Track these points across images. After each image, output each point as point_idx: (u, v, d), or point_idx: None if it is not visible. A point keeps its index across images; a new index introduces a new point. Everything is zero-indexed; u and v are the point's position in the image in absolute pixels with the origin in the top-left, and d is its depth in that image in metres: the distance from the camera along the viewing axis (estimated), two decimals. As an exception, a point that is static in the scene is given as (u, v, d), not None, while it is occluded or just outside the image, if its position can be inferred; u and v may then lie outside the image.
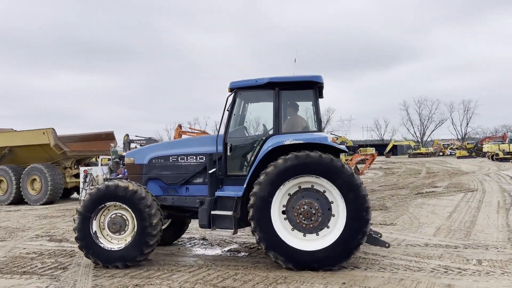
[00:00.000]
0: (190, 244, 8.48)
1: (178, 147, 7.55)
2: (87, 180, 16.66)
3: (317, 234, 6.29)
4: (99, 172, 17.35)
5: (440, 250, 7.27)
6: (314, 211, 6.24)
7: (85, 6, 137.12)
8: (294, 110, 7.28)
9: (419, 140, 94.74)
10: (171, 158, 7.41)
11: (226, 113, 7.02)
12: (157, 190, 7.41)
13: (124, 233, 6.73)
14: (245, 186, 6.53)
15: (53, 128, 16.89)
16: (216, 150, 6.89)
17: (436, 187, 18.57)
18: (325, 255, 6.10)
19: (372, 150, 45.90)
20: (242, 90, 7.05)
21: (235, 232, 6.67)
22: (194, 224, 9.49)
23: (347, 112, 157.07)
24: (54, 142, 16.92)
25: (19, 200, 17.74)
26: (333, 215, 6.26)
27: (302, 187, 6.39)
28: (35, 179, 17.41)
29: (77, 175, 18.62)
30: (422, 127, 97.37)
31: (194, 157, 7.23)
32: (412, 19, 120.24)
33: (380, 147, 71.93)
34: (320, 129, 6.79)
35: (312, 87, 6.87)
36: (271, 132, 6.85)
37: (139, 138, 45.72)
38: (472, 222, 9.94)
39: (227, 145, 6.84)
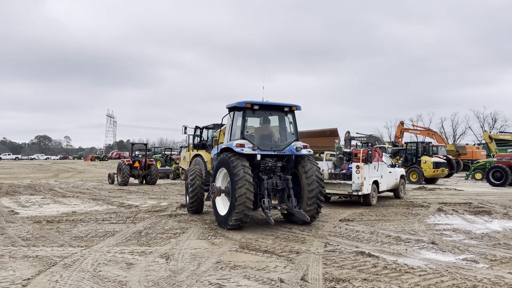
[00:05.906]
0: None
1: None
2: None
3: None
4: (324, 167, 18.24)
5: None
6: (228, 190, 9.66)
7: (293, 13, 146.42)
8: (264, 122, 10.49)
9: None
10: (216, 156, 11.10)
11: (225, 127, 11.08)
12: None
13: None
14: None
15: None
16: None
17: None
18: (223, 220, 9.64)
19: None
20: (230, 111, 10.53)
21: (206, 199, 11.64)
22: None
23: None
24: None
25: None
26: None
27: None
28: None
29: None
30: None
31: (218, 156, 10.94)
32: None
33: None
34: (241, 137, 9.82)
35: (240, 110, 10.07)
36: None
37: (360, 135, 45.85)
38: None
39: (223, 149, 10.43)
